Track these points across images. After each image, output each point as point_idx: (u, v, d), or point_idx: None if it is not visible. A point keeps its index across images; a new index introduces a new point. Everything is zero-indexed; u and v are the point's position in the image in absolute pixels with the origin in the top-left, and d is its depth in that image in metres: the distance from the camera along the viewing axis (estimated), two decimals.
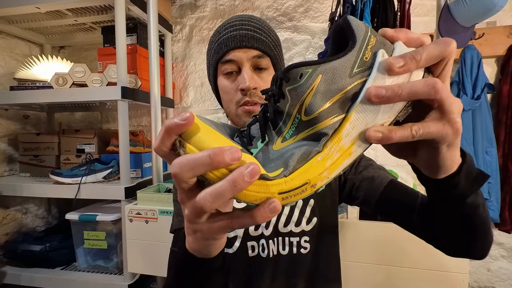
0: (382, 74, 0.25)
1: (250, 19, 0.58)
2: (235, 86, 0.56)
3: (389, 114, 0.25)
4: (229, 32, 0.56)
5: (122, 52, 1.10)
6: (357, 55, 0.25)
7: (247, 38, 0.55)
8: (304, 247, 0.58)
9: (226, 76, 0.58)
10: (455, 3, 0.86)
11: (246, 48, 0.55)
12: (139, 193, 1.03)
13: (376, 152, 1.41)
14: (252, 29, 0.56)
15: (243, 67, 0.55)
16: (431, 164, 0.30)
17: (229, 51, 0.55)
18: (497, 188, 1.21)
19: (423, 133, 0.25)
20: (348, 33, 0.26)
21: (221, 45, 0.56)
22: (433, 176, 0.32)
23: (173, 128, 0.22)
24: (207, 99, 1.59)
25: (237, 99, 0.56)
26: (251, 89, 0.54)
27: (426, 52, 0.25)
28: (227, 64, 0.56)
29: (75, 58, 1.71)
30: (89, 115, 1.75)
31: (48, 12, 1.25)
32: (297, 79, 0.25)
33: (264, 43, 0.56)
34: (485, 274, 1.33)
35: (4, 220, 1.37)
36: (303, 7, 1.45)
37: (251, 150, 0.27)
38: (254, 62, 0.56)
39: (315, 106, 0.25)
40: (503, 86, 1.21)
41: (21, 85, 1.21)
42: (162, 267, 0.56)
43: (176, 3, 1.60)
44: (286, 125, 0.27)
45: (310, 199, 0.60)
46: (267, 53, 0.56)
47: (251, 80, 0.54)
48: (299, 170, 0.24)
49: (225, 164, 0.21)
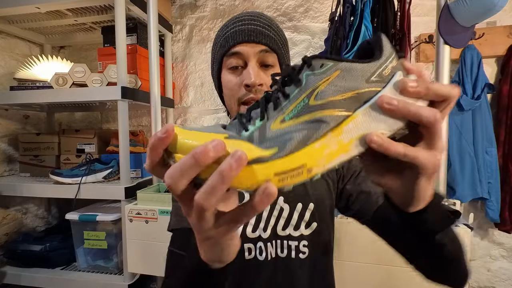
0: (395, 90, 0.27)
1: (260, 15, 0.57)
2: (240, 81, 0.54)
3: (390, 128, 0.27)
4: (237, 26, 0.54)
5: (122, 52, 1.10)
6: (379, 67, 0.27)
7: (256, 33, 0.53)
8: (303, 252, 0.57)
9: (230, 71, 0.56)
10: (455, 3, 0.86)
11: (254, 43, 0.53)
12: (139, 193, 1.03)
13: None
14: (261, 25, 0.54)
15: (249, 62, 0.53)
16: (408, 193, 0.32)
17: (236, 44, 0.53)
18: (497, 188, 1.20)
19: (413, 156, 0.27)
20: (376, 47, 0.29)
21: (228, 39, 0.54)
22: (405, 208, 0.33)
23: (156, 144, 0.22)
24: (207, 99, 1.59)
25: (240, 95, 0.54)
26: (257, 85, 0.53)
27: (437, 86, 0.27)
28: (232, 58, 0.55)
29: (75, 58, 1.71)
30: (89, 115, 1.75)
31: (48, 12, 1.25)
32: (318, 67, 0.27)
33: (272, 40, 0.55)
34: (485, 274, 1.33)
35: (4, 220, 1.37)
36: (303, 7, 1.45)
37: (249, 127, 0.27)
38: (261, 58, 0.54)
39: (327, 94, 0.26)
40: (503, 86, 1.21)
41: (21, 85, 1.21)
42: (162, 267, 0.55)
43: (176, 3, 1.60)
44: (288, 107, 0.27)
45: (310, 203, 0.58)
46: (274, 50, 0.55)
47: (256, 76, 0.52)
48: (296, 153, 0.25)
49: (211, 159, 0.21)
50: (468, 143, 1.21)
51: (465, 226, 0.79)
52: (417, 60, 1.34)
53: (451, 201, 0.92)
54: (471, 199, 1.21)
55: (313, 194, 0.59)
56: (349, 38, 0.92)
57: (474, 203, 1.31)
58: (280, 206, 0.58)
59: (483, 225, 1.31)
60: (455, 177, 1.22)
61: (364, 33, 0.89)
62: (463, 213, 0.92)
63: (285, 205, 0.58)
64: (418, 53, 1.33)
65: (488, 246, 1.32)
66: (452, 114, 1.22)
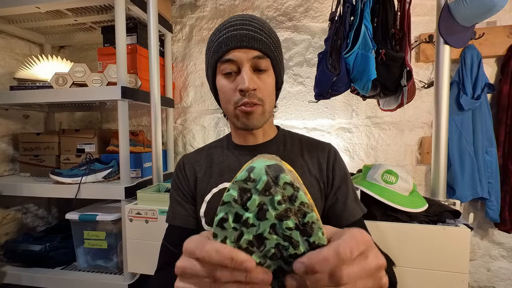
0: None
1: (251, 19, 0.57)
2: (234, 86, 0.56)
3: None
4: (229, 32, 0.55)
5: (122, 52, 1.10)
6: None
7: (248, 38, 0.54)
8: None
9: (225, 76, 0.57)
10: (455, 3, 0.86)
11: (246, 48, 0.54)
12: (139, 193, 1.03)
13: (376, 152, 1.41)
14: (253, 29, 0.55)
15: (243, 67, 0.55)
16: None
17: (229, 50, 0.54)
18: (497, 188, 1.21)
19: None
20: None
21: (221, 44, 0.55)
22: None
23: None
24: (207, 99, 1.59)
25: (235, 99, 0.56)
26: (250, 90, 0.54)
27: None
28: (226, 64, 0.55)
29: (75, 58, 1.71)
30: (89, 115, 1.75)
31: (48, 12, 1.25)
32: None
33: (265, 44, 0.55)
34: (485, 274, 1.33)
35: (4, 220, 1.37)
36: (303, 7, 1.45)
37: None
38: (254, 63, 0.55)
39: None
40: (503, 86, 1.21)
41: (21, 85, 1.21)
42: None
43: (176, 3, 1.60)
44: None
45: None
46: (267, 54, 0.56)
47: (250, 81, 0.54)
48: None
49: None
50: (468, 143, 1.21)
51: (465, 226, 0.79)
52: (417, 60, 1.34)
53: (451, 201, 0.92)
54: (471, 199, 1.21)
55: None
56: (349, 38, 0.92)
57: (474, 203, 1.31)
58: None
59: (483, 225, 1.31)
60: (455, 177, 1.22)
61: (364, 33, 0.88)
62: (463, 213, 0.92)
63: None
64: (418, 53, 1.33)
65: (488, 246, 1.32)
66: (452, 114, 1.22)
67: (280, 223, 0.28)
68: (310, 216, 0.28)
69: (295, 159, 0.63)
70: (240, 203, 0.28)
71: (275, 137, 0.67)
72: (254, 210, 0.28)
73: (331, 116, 1.45)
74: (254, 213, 0.28)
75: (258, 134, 0.64)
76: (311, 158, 0.63)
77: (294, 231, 0.28)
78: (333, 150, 0.65)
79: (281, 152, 0.64)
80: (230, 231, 0.29)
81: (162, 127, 1.48)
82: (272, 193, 0.28)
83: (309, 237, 0.28)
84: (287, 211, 0.28)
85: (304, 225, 0.28)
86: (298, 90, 1.47)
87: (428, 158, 1.29)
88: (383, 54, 0.89)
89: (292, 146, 0.66)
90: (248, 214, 0.28)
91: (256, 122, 0.57)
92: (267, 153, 0.62)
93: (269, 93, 0.58)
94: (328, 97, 1.03)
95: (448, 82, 0.93)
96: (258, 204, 0.28)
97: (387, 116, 1.38)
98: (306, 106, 1.47)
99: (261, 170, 0.28)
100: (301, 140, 0.68)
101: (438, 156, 0.94)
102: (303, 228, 0.28)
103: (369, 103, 1.39)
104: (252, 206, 0.28)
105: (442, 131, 0.94)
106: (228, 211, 0.28)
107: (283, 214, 0.28)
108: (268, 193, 0.28)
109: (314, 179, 0.61)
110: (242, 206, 0.28)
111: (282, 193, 0.28)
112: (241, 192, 0.28)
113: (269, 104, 0.58)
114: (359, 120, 1.42)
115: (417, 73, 1.33)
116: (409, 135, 1.37)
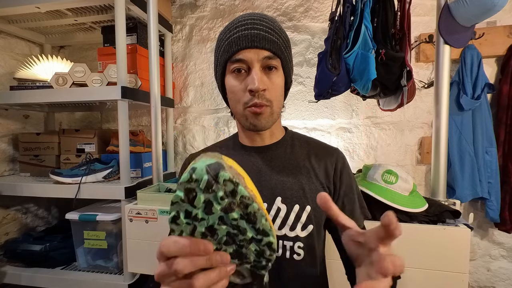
0: None
1: (262, 18, 0.56)
2: (244, 86, 0.55)
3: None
4: (240, 31, 0.54)
5: (122, 52, 1.10)
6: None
7: (259, 38, 0.54)
8: (298, 253, 0.57)
9: (234, 76, 0.57)
10: (455, 3, 0.86)
11: (257, 48, 0.54)
12: (139, 193, 1.03)
13: (376, 152, 1.41)
14: (264, 29, 0.55)
15: (253, 68, 0.54)
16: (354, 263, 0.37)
17: (240, 50, 0.54)
18: (497, 188, 1.21)
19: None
20: None
21: (231, 44, 0.55)
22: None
23: None
24: (207, 99, 1.59)
25: (245, 100, 0.56)
26: (260, 91, 0.54)
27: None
28: (236, 64, 0.55)
29: (75, 58, 1.71)
30: (89, 115, 1.75)
31: (48, 12, 1.25)
32: None
33: (275, 44, 0.55)
34: (485, 274, 1.33)
35: (4, 220, 1.37)
36: (303, 6, 1.45)
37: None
38: (264, 63, 0.55)
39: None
40: (503, 86, 1.21)
41: (21, 85, 1.21)
42: None
43: (176, 3, 1.60)
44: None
45: (307, 205, 0.59)
46: (277, 55, 0.56)
47: (260, 82, 0.53)
48: None
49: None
50: (468, 143, 1.21)
51: (465, 226, 0.79)
52: (417, 60, 1.34)
53: (451, 201, 0.92)
54: (471, 199, 1.21)
55: (311, 197, 0.59)
56: (349, 38, 0.91)
57: (474, 203, 1.31)
58: (278, 206, 0.59)
59: (483, 225, 1.31)
60: (455, 177, 1.22)
61: (364, 33, 0.88)
62: (463, 213, 0.92)
63: (282, 205, 0.59)
64: (418, 53, 1.33)
65: (488, 246, 1.32)
66: (452, 114, 1.22)
67: (227, 215, 0.31)
68: (252, 207, 0.31)
69: (302, 163, 0.63)
70: (187, 202, 0.30)
71: (282, 139, 0.66)
72: (201, 206, 0.31)
73: (331, 116, 1.45)
74: (202, 209, 0.31)
75: (265, 135, 0.64)
76: (318, 163, 0.63)
77: (240, 221, 0.32)
78: (341, 157, 0.65)
79: (288, 155, 0.64)
80: (184, 226, 0.31)
81: (162, 127, 1.48)
82: (214, 190, 0.30)
83: (254, 224, 0.32)
84: (231, 204, 0.31)
85: (248, 215, 0.32)
86: (298, 90, 1.47)
87: (428, 158, 1.29)
88: (383, 54, 0.89)
89: (300, 149, 0.65)
90: (197, 211, 0.31)
91: (265, 122, 0.57)
92: (274, 155, 0.63)
93: (277, 94, 0.58)
94: (328, 97, 1.03)
95: (448, 82, 0.93)
96: (204, 201, 0.30)
97: (387, 116, 1.38)
98: (306, 106, 1.47)
99: (202, 171, 0.30)
100: (309, 144, 0.67)
101: (438, 156, 0.94)
102: (247, 218, 0.32)
103: (369, 103, 1.39)
104: (198, 204, 0.30)
105: (442, 131, 0.94)
106: (178, 209, 0.31)
107: (227, 207, 0.31)
108: (211, 190, 0.30)
109: (319, 184, 0.61)
110: (190, 204, 0.30)
111: (224, 189, 0.30)
112: (186, 192, 0.30)
113: (277, 105, 0.58)
114: (359, 120, 1.42)
115: (417, 73, 1.33)
116: (409, 135, 1.37)
